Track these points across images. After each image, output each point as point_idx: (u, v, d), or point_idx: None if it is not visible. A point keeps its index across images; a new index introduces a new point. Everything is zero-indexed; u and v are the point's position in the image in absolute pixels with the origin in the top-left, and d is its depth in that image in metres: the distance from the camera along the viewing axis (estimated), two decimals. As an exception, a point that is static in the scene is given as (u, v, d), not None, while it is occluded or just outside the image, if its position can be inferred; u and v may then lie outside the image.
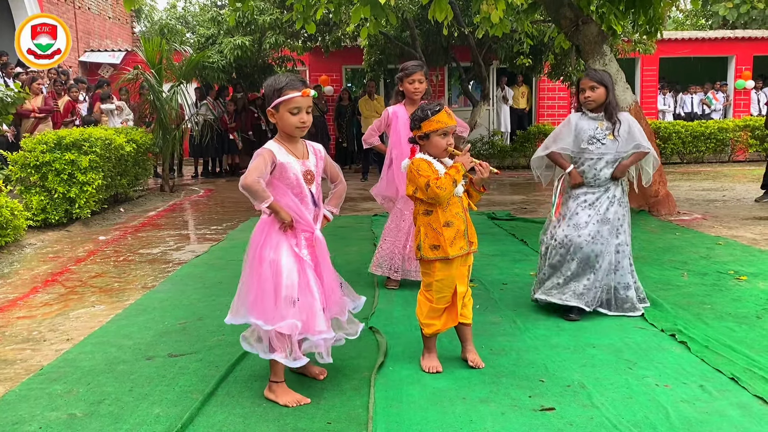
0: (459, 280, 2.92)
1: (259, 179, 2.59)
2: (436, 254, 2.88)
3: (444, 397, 2.71)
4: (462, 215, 2.91)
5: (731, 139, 13.59)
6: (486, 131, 14.66)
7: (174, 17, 22.12)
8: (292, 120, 2.65)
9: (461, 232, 2.89)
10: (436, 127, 2.84)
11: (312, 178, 2.73)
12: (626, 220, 3.77)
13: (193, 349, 3.35)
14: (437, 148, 2.87)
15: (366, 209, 8.33)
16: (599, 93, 3.66)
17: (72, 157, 7.02)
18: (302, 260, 2.68)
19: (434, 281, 2.91)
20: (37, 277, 5.03)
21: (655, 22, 8.11)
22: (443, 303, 2.93)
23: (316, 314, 2.65)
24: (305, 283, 2.66)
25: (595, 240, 3.67)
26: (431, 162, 2.88)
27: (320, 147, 2.85)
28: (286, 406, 2.64)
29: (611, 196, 3.73)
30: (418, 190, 2.86)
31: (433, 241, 2.88)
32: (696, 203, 8.05)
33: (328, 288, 2.74)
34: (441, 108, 2.86)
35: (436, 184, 2.79)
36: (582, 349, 3.23)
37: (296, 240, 2.69)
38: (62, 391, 2.83)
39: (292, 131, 2.68)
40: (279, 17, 11.61)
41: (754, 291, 4.12)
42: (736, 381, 2.77)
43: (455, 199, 2.90)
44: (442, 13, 6.80)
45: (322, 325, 2.65)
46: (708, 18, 22.23)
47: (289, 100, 2.62)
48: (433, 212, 2.88)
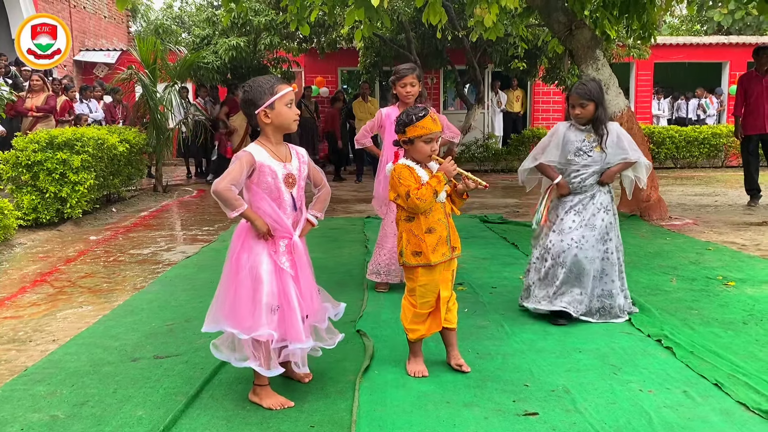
0: (443, 284, 2.92)
1: (231, 186, 2.58)
2: (418, 261, 2.87)
3: (428, 400, 2.71)
4: (444, 221, 2.89)
5: (725, 144, 13.64)
6: (480, 134, 14.69)
7: (170, 17, 22.09)
8: (290, 113, 2.69)
9: (443, 238, 2.88)
10: (420, 133, 2.80)
11: (293, 182, 2.71)
12: (614, 227, 3.77)
13: (180, 350, 3.34)
14: (421, 153, 2.85)
15: (359, 211, 8.33)
16: (589, 109, 3.64)
17: (64, 157, 7.00)
18: (281, 267, 2.66)
19: (417, 286, 2.90)
20: (25, 277, 5.01)
21: (648, 27, 8.15)
22: (427, 308, 2.93)
23: (294, 323, 2.62)
24: (284, 290, 2.64)
25: (581, 245, 3.67)
26: (414, 168, 2.86)
27: (303, 151, 2.85)
28: (270, 409, 2.63)
29: (598, 203, 3.73)
30: (399, 197, 2.86)
31: (415, 247, 2.87)
32: (688, 208, 8.07)
33: (306, 295, 2.71)
34: (426, 113, 2.80)
35: (416, 195, 2.77)
36: (568, 353, 3.23)
37: (275, 246, 2.67)
38: (45, 393, 2.82)
39: (290, 124, 2.71)
40: (274, 18, 11.61)
41: (742, 297, 4.13)
42: (720, 387, 2.78)
43: (438, 205, 2.88)
44: (436, 16, 6.80)
45: (300, 335, 2.62)
46: (703, 23, 22.33)
47: (285, 96, 2.67)
48: (415, 219, 2.87)
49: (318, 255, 2.96)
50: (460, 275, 4.76)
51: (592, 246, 3.68)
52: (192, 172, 13.05)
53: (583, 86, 3.68)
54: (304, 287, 2.69)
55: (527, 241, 6.03)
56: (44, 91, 9.80)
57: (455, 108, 16.85)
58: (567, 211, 3.74)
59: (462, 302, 4.03)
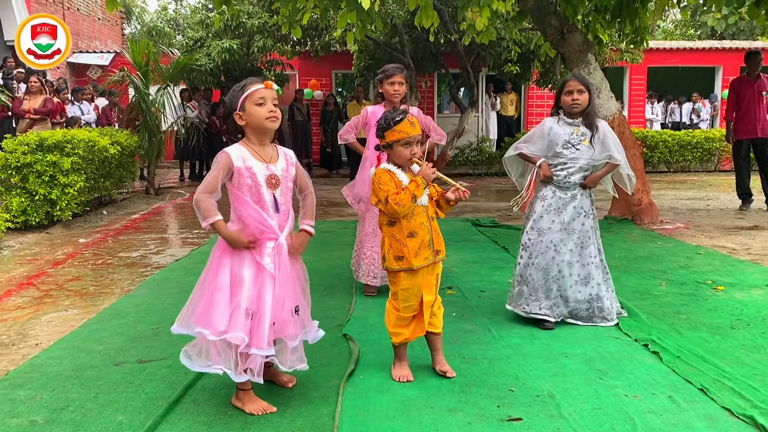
0: (426, 289, 2.89)
1: (208, 195, 2.55)
2: (400, 265, 2.85)
3: (412, 406, 2.68)
4: (427, 225, 2.87)
5: (718, 148, 13.67)
6: (475, 137, 14.69)
7: (165, 19, 22.06)
8: (261, 111, 2.59)
9: (426, 242, 2.86)
10: (398, 137, 2.79)
11: (276, 183, 2.66)
12: (594, 231, 3.76)
13: (164, 354, 3.31)
14: (401, 157, 2.84)
15: (351, 214, 8.30)
16: (585, 97, 3.66)
17: (54, 159, 6.96)
18: (263, 270, 2.61)
19: (400, 290, 2.88)
20: (12, 280, 4.97)
21: (641, 31, 8.16)
22: (410, 312, 2.91)
23: (261, 328, 2.57)
24: (261, 294, 2.60)
25: (558, 249, 3.66)
26: (394, 173, 2.84)
27: (291, 153, 2.82)
28: (252, 414, 2.61)
29: (578, 207, 3.71)
30: (379, 202, 2.84)
31: (397, 252, 2.85)
32: (680, 212, 8.08)
33: (279, 300, 2.63)
34: (404, 117, 2.79)
35: (395, 200, 2.76)
36: (554, 358, 3.21)
37: (260, 249, 2.63)
38: (26, 397, 2.79)
39: (263, 123, 2.60)
40: (267, 21, 11.60)
41: (730, 301, 4.13)
42: (705, 392, 2.76)
43: (420, 208, 2.86)
44: (428, 19, 6.80)
45: (262, 341, 2.57)
46: (697, 28, 22.41)
47: (253, 93, 2.59)
48: (397, 223, 2.85)
49: (308, 258, 2.92)
50: (450, 279, 4.75)
51: (570, 250, 3.67)
52: (186, 175, 13.02)
53: (580, 74, 3.75)
54: (279, 291, 2.63)
55: (518, 245, 6.03)
56: (42, 93, 9.76)
57: (450, 111, 16.86)
58: (546, 210, 3.72)
59: (450, 306, 4.02)
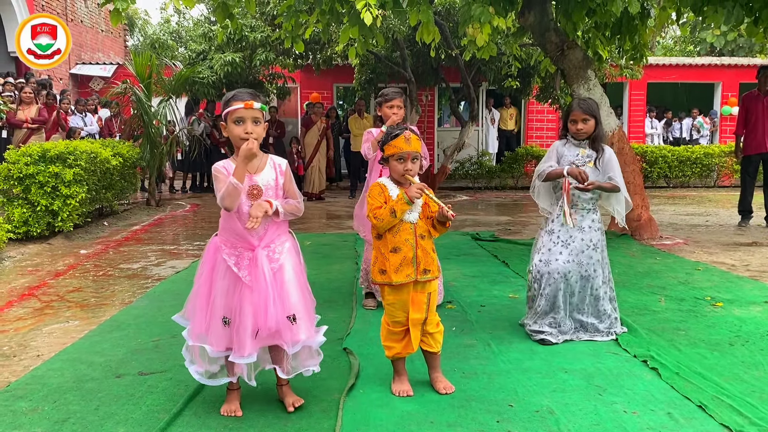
0: (414, 306, 2.90)
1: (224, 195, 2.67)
2: (382, 279, 2.91)
3: (412, 420, 2.70)
4: (412, 242, 2.88)
5: (717, 164, 13.73)
6: (474, 152, 14.75)
7: (167, 32, 22.20)
8: (237, 130, 2.68)
9: (408, 259, 2.87)
10: (392, 152, 2.87)
11: (258, 194, 2.70)
12: (603, 264, 3.79)
13: (165, 367, 3.32)
14: (395, 172, 2.91)
15: (351, 227, 8.32)
16: (590, 125, 3.74)
17: (56, 170, 6.99)
18: (239, 281, 2.69)
19: (386, 305, 2.95)
20: (13, 291, 4.99)
21: (640, 48, 8.23)
22: (398, 327, 2.93)
23: (242, 335, 2.65)
24: (239, 304, 2.67)
25: (567, 279, 3.72)
26: (386, 187, 2.91)
27: (283, 161, 2.86)
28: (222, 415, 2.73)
29: (588, 240, 3.75)
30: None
31: (381, 265, 2.91)
32: (679, 228, 8.10)
33: (258, 310, 2.66)
34: (400, 133, 2.86)
35: (374, 214, 2.84)
36: (553, 373, 3.23)
37: (237, 260, 2.70)
38: (27, 409, 2.80)
39: (236, 141, 2.70)
40: (269, 35, 11.68)
41: (729, 318, 4.14)
42: (704, 409, 2.77)
43: (406, 225, 2.88)
44: (429, 35, 6.86)
45: (243, 348, 2.65)
46: (696, 44, 22.56)
47: (233, 111, 2.68)
48: (383, 237, 2.90)
49: (308, 271, 2.95)
50: (449, 293, 4.76)
51: (576, 282, 3.74)
52: (187, 186, 13.07)
53: (584, 102, 3.80)
54: (258, 300, 2.66)
55: (518, 259, 6.06)
56: (35, 103, 9.78)
57: (450, 125, 16.93)
58: (555, 242, 3.77)
59: (450, 321, 4.03)
